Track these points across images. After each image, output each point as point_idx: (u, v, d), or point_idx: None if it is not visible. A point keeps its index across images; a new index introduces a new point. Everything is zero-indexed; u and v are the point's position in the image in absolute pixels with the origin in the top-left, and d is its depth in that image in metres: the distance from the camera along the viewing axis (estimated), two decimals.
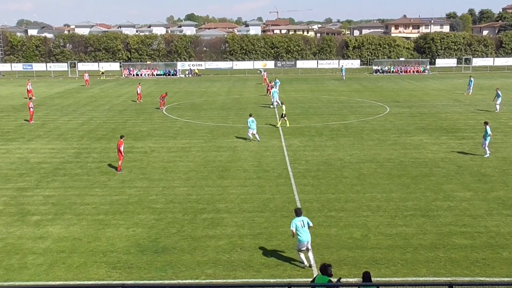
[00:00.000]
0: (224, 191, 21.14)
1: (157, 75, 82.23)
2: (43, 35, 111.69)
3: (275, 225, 17.39)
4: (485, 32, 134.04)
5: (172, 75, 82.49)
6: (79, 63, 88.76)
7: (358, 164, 25.11)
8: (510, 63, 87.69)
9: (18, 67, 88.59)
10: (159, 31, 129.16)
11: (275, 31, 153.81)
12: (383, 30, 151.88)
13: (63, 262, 14.81)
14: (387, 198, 20.02)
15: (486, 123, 26.42)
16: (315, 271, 13.86)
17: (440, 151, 27.51)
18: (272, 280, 13.64)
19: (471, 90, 51.44)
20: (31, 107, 38.00)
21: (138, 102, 48.29)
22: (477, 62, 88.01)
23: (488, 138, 25.86)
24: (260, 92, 56.35)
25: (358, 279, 13.31)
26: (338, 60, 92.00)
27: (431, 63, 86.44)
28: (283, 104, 36.84)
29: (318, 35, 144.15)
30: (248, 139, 30.61)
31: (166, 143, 30.39)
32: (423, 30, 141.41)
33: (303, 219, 14.29)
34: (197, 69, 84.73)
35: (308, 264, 14.26)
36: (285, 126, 34.62)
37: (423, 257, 14.86)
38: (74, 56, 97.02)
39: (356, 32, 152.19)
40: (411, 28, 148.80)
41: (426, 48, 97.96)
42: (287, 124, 34.66)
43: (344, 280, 12.99)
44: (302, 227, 14.13)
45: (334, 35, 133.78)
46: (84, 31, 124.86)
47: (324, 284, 10.57)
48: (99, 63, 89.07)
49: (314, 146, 29.16)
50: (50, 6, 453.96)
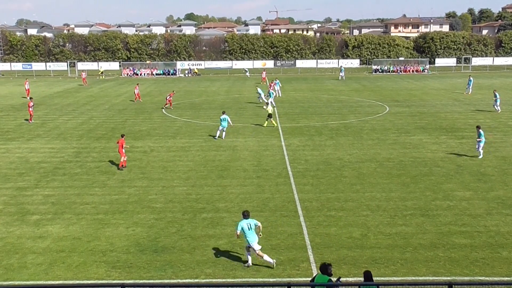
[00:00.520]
0: (223, 190, 21.14)
1: (156, 74, 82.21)
2: (43, 34, 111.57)
3: (274, 224, 17.39)
4: (484, 32, 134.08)
5: (172, 74, 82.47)
6: (78, 63, 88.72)
7: (357, 163, 25.11)
8: (509, 63, 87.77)
9: (18, 66, 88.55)
10: (159, 30, 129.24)
11: (274, 31, 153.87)
12: (382, 30, 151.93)
13: (63, 262, 14.81)
14: (386, 197, 20.02)
15: (478, 127, 26.09)
16: (267, 270, 13.86)
17: (440, 151, 27.52)
18: (271, 280, 13.64)
19: (470, 90, 51.47)
20: (31, 107, 37.95)
21: (136, 102, 48.22)
22: (476, 61, 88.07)
23: (482, 140, 25.49)
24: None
25: (357, 279, 13.32)
26: (337, 60, 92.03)
27: (430, 63, 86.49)
28: (269, 105, 36.40)
29: (318, 34, 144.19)
30: (215, 137, 31.21)
31: (166, 143, 30.39)
32: (422, 29, 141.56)
33: (250, 221, 14.41)
34: (196, 68, 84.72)
35: (250, 263, 14.39)
36: (270, 126, 34.58)
37: (422, 256, 14.86)
38: (74, 55, 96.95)
39: (356, 32, 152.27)
40: (410, 27, 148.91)
41: (425, 48, 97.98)
42: (265, 124, 34.76)
43: (343, 279, 13.00)
44: (249, 230, 14.28)
45: (334, 34, 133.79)
46: (84, 31, 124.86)
47: (324, 284, 10.56)
48: (99, 63, 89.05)
49: (313, 145, 29.16)
50: (49, 6, 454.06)
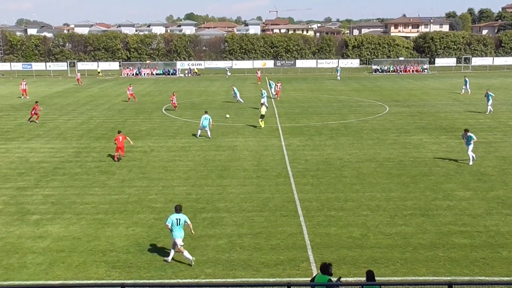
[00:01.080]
0: (223, 190, 21.14)
1: (156, 74, 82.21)
2: (43, 34, 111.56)
3: (274, 224, 17.39)
4: (484, 32, 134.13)
5: (172, 74, 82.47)
6: (78, 63, 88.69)
7: (357, 163, 25.11)
8: (509, 63, 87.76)
9: (18, 66, 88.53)
10: (159, 30, 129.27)
11: (274, 31, 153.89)
12: (382, 30, 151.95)
13: (63, 262, 14.80)
14: (386, 197, 20.02)
15: (467, 130, 24.87)
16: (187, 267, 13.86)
17: (440, 151, 27.52)
18: (271, 280, 13.64)
19: (469, 90, 51.25)
20: (38, 109, 37.68)
21: (130, 102, 48.02)
22: (476, 61, 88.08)
23: (471, 145, 24.37)
24: (259, 91, 56.25)
25: (357, 279, 13.33)
26: (337, 60, 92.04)
27: (430, 63, 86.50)
28: (263, 106, 35.56)
29: (318, 34, 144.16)
30: (196, 135, 31.81)
31: (166, 143, 30.38)
32: (422, 29, 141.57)
33: (181, 216, 14.59)
34: (196, 68, 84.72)
35: (170, 260, 14.62)
36: (259, 126, 34.35)
37: (422, 256, 14.86)
38: (74, 55, 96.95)
39: (356, 32, 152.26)
40: (410, 27, 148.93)
41: (425, 48, 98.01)
42: (260, 124, 34.29)
43: (343, 279, 12.99)
44: (177, 225, 14.48)
45: (334, 34, 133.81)
46: (84, 31, 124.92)
47: (324, 284, 10.55)
48: (98, 63, 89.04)
49: (313, 145, 29.16)
50: (49, 6, 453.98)
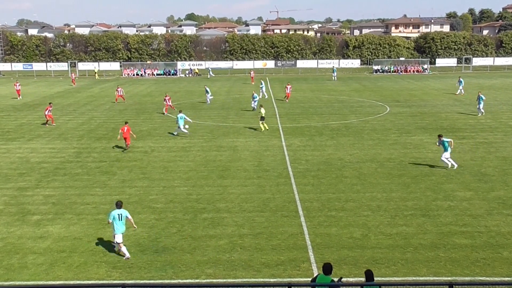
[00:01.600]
0: (224, 190, 21.13)
1: (157, 74, 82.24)
2: (43, 34, 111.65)
3: (275, 224, 17.38)
4: (485, 32, 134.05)
5: (172, 74, 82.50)
6: (79, 63, 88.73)
7: (358, 163, 25.10)
8: (510, 63, 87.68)
9: (18, 66, 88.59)
10: (159, 30, 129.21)
11: (275, 31, 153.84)
12: (383, 30, 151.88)
13: (64, 262, 14.81)
14: (387, 197, 20.01)
15: (440, 136, 24.29)
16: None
17: (440, 151, 27.44)
18: (272, 280, 13.63)
19: (462, 91, 51.20)
20: (49, 111, 36.37)
21: (117, 103, 47.58)
22: (477, 61, 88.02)
23: (448, 150, 23.75)
24: (260, 92, 56.24)
25: (358, 279, 13.31)
26: (338, 60, 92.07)
27: (431, 63, 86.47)
28: (262, 107, 34.70)
29: (318, 34, 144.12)
30: (173, 134, 32.47)
31: (167, 143, 30.38)
32: (423, 29, 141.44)
33: (122, 212, 14.96)
34: (197, 68, 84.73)
35: (129, 256, 14.91)
36: (261, 129, 33.30)
37: (423, 256, 14.85)
38: (74, 55, 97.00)
39: (356, 32, 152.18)
40: (411, 27, 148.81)
41: (426, 48, 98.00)
42: (261, 127, 33.36)
43: (344, 279, 12.97)
44: (119, 220, 14.84)
45: (334, 34, 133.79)
46: (84, 31, 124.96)
47: (324, 284, 10.53)
48: (99, 63, 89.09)
49: (314, 145, 29.16)
50: (50, 6, 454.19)
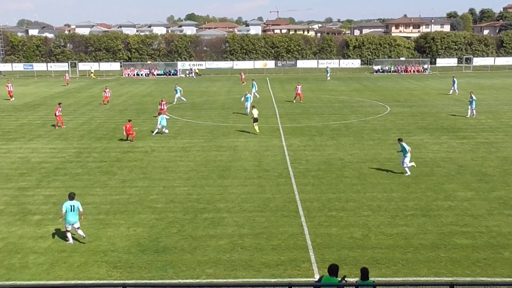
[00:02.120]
0: (224, 190, 21.14)
1: (157, 74, 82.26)
2: (44, 35, 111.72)
3: (275, 224, 17.38)
4: (485, 32, 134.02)
5: (173, 74, 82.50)
6: (79, 63, 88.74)
7: (358, 163, 25.10)
8: (511, 63, 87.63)
9: (19, 67, 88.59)
10: (160, 31, 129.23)
11: (275, 31, 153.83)
12: (383, 30, 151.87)
13: (64, 262, 14.82)
14: (387, 197, 20.01)
15: (400, 140, 23.54)
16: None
17: (441, 151, 27.50)
18: (272, 280, 13.63)
19: (456, 91, 51.14)
20: (59, 111, 35.54)
21: (104, 104, 47.09)
22: (477, 61, 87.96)
23: (407, 155, 22.88)
24: (260, 92, 56.30)
25: (358, 279, 13.29)
26: (338, 60, 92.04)
27: (431, 63, 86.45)
28: (254, 108, 33.31)
29: (319, 34, 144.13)
30: (162, 133, 32.77)
31: (167, 143, 30.39)
32: (423, 29, 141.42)
33: (75, 203, 15.91)
34: (197, 68, 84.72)
35: (72, 242, 16.01)
36: (253, 132, 32.50)
37: (424, 257, 14.85)
38: (75, 56, 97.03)
39: (357, 32, 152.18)
40: (411, 27, 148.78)
41: (426, 48, 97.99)
42: (254, 130, 32.39)
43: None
44: (71, 211, 15.78)
45: (335, 34, 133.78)
46: (85, 31, 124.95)
47: (329, 284, 10.48)
48: (100, 63, 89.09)
49: (314, 145, 29.15)
50: (50, 6, 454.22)
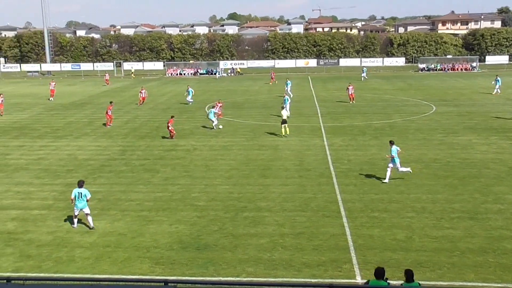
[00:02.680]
0: (265, 189, 21.11)
1: (200, 74, 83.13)
2: (91, 35, 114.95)
3: (316, 224, 17.22)
4: None
5: (215, 74, 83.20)
6: (124, 63, 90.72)
7: (402, 164, 24.52)
8: None
9: (67, 67, 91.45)
10: (202, 30, 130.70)
11: (317, 29, 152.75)
12: (429, 27, 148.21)
13: (109, 256, 15.15)
14: (432, 199, 19.49)
15: (392, 142, 22.02)
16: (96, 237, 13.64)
17: (490, 152, 26.58)
18: (313, 280, 13.49)
19: (498, 90, 48.92)
20: (110, 110, 36.25)
21: (140, 105, 47.51)
22: None
23: (396, 160, 21.50)
24: (302, 91, 56.06)
25: (401, 282, 13.00)
26: (382, 58, 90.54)
27: (480, 60, 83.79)
28: (284, 109, 32.79)
29: (362, 32, 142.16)
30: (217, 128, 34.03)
31: (208, 141, 30.64)
32: (472, 26, 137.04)
33: (82, 190, 17.00)
34: (239, 68, 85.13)
35: (76, 226, 17.37)
36: (279, 134, 31.43)
37: (471, 261, 14.37)
38: (120, 55, 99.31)
39: (401, 29, 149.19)
40: (459, 24, 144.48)
41: (475, 45, 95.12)
42: (283, 132, 31.12)
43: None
44: (79, 198, 16.91)
45: (378, 32, 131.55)
46: (129, 32, 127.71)
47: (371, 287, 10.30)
48: (143, 63, 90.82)
49: (357, 145, 28.75)
50: (97, 7, 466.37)
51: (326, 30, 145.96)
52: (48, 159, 27.11)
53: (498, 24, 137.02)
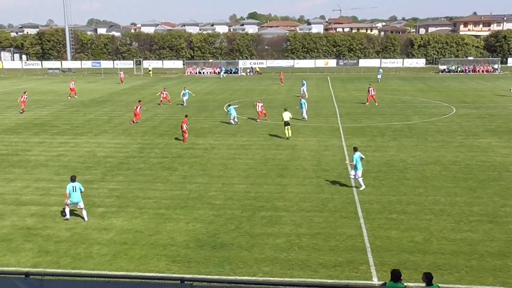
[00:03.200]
0: (282, 189, 21.08)
1: (219, 72, 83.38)
2: (111, 33, 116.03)
3: (333, 225, 17.14)
4: None
5: (234, 73, 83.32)
6: (144, 61, 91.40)
7: (421, 166, 24.32)
8: None
9: (88, 64, 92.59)
10: (222, 29, 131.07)
11: (337, 29, 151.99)
12: (450, 28, 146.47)
13: (126, 254, 15.28)
14: (451, 202, 19.26)
15: (355, 149, 21.00)
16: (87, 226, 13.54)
17: (511, 155, 26.16)
18: (329, 281, 13.44)
19: None
20: (139, 108, 36.91)
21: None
22: None
23: (359, 167, 20.45)
24: (321, 91, 55.86)
25: (418, 284, 12.89)
26: (402, 59, 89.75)
27: (502, 62, 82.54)
28: (287, 111, 31.38)
29: (382, 33, 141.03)
30: (233, 123, 35.33)
31: (226, 140, 30.71)
32: (494, 27, 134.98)
33: (77, 184, 17.59)
34: (258, 67, 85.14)
35: (69, 218, 17.84)
36: (283, 136, 30.80)
37: (490, 265, 14.17)
38: (140, 54, 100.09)
39: (422, 30, 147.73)
40: (481, 25, 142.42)
41: (497, 47, 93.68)
42: (287, 135, 30.54)
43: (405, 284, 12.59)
44: (74, 192, 17.47)
45: (399, 33, 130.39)
46: (150, 30, 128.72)
47: None
48: (163, 61, 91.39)
49: (375, 146, 28.54)
50: (118, 6, 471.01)
51: (346, 30, 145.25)
52: (68, 155, 27.45)
53: None
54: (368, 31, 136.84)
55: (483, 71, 78.64)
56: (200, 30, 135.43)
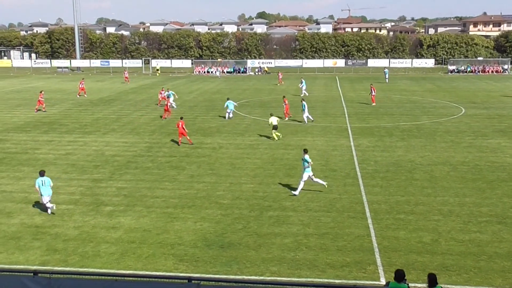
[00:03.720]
0: (290, 189, 21.04)
1: (227, 72, 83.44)
2: (120, 32, 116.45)
3: (341, 225, 17.10)
4: None
5: (242, 72, 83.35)
6: (152, 60, 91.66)
7: (429, 166, 24.20)
8: None
9: (96, 63, 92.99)
10: (230, 29, 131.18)
11: (346, 29, 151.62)
12: (460, 28, 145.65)
13: (133, 252, 15.32)
14: (460, 202, 19.14)
15: (305, 151, 20.57)
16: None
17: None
18: (337, 281, 13.41)
19: None
20: (170, 105, 39.58)
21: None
22: None
23: (307, 170, 20.04)
24: (329, 91, 55.74)
25: (426, 285, 12.81)
26: (411, 60, 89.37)
27: None
28: (272, 116, 31.27)
29: (391, 33, 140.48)
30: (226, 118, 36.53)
31: (234, 140, 30.72)
32: (504, 28, 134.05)
33: (45, 179, 18.13)
34: (266, 67, 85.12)
35: (51, 212, 18.34)
36: (272, 138, 30.47)
37: (498, 266, 14.07)
38: (148, 53, 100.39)
39: (431, 31, 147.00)
40: (491, 26, 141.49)
41: (507, 47, 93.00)
42: (276, 137, 30.33)
43: (412, 285, 12.53)
44: (43, 185, 18.02)
45: (408, 33, 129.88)
46: (158, 29, 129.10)
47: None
48: (171, 60, 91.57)
49: (383, 146, 28.44)
50: (127, 4, 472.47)
51: (355, 30, 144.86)
52: (76, 154, 27.59)
53: None
54: (377, 31, 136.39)
55: (492, 71, 78.13)
56: (208, 29, 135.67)
